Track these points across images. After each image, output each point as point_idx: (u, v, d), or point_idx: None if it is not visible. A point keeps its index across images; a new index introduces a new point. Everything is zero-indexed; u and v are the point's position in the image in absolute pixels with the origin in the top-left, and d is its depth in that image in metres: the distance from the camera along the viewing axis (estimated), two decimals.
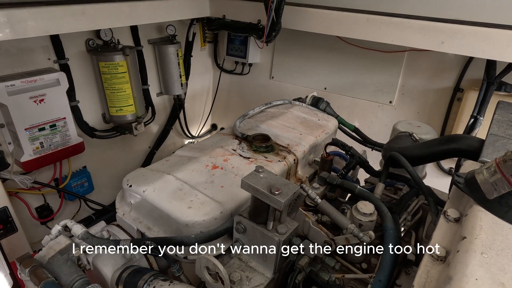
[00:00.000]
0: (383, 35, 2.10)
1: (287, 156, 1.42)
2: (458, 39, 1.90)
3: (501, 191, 0.76)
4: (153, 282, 1.04)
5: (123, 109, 2.41)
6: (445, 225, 0.84)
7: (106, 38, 2.28)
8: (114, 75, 2.28)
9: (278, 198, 0.89)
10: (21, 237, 2.03)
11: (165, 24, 2.64)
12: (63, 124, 2.12)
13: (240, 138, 1.53)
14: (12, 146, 2.02)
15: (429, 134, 1.48)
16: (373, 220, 1.05)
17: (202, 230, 1.09)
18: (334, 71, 2.76)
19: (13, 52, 1.95)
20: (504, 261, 0.66)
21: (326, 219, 1.17)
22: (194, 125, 3.52)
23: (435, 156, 1.22)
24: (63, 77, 2.04)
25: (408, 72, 2.48)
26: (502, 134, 1.11)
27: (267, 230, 1.00)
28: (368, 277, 1.00)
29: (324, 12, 2.26)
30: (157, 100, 2.92)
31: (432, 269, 0.73)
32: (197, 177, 1.25)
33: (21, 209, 2.16)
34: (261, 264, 1.06)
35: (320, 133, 1.63)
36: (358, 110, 2.73)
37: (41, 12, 1.76)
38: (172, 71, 2.77)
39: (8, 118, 1.90)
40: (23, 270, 0.98)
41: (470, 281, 0.61)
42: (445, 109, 2.40)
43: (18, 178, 1.99)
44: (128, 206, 1.26)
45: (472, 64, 2.21)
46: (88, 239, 1.08)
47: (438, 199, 1.16)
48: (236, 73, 3.28)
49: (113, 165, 2.75)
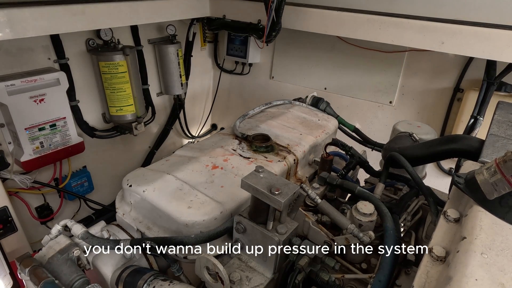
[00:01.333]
0: (383, 35, 2.10)
1: (287, 156, 1.42)
2: (458, 39, 1.90)
3: (501, 192, 0.76)
4: (153, 282, 1.05)
5: (123, 109, 2.41)
6: (445, 225, 0.84)
7: (106, 38, 2.27)
8: (114, 75, 2.28)
9: (278, 198, 0.89)
10: (21, 236, 2.03)
11: (165, 24, 2.64)
12: (63, 124, 2.12)
13: (240, 138, 1.53)
14: (12, 146, 2.02)
15: (429, 134, 1.48)
16: (373, 220, 1.05)
17: (202, 230, 1.09)
18: (334, 71, 2.76)
19: (13, 51, 1.95)
20: (504, 261, 0.66)
21: (326, 219, 1.17)
22: (194, 125, 3.52)
23: (435, 157, 1.22)
24: (63, 76, 2.04)
25: (408, 72, 2.48)
26: (502, 135, 1.11)
27: (267, 230, 1.00)
28: (368, 277, 1.00)
29: (324, 12, 2.26)
30: (157, 100, 2.92)
31: (432, 269, 0.73)
32: (197, 177, 1.25)
33: (21, 209, 2.16)
34: (261, 264, 1.06)
35: (320, 133, 1.63)
36: (358, 110, 2.73)
37: (41, 11, 1.76)
38: (172, 71, 2.77)
39: (8, 118, 1.90)
40: (23, 270, 0.98)
41: (470, 282, 0.61)
42: (445, 109, 2.40)
43: (18, 178, 1.99)
44: (128, 206, 1.26)
45: (472, 64, 2.21)
46: (88, 239, 1.08)
47: (438, 200, 1.16)
48: (236, 73, 3.28)
49: (113, 165, 2.75)
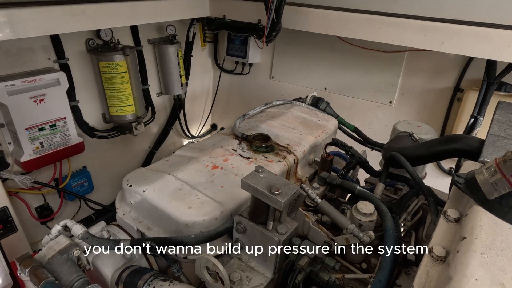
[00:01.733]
0: (383, 35, 2.09)
1: (287, 156, 1.42)
2: (458, 39, 1.89)
3: (501, 191, 0.76)
4: (153, 282, 1.04)
5: (123, 109, 2.41)
6: (445, 225, 0.84)
7: (106, 38, 2.27)
8: (114, 75, 2.28)
9: (278, 198, 0.89)
10: (21, 237, 2.03)
11: (165, 24, 2.64)
12: (63, 124, 2.12)
13: (240, 138, 1.53)
14: (12, 146, 2.03)
15: (429, 134, 1.48)
16: (373, 220, 1.05)
17: (202, 230, 1.09)
18: (334, 71, 2.76)
19: (13, 52, 1.95)
20: (504, 261, 0.66)
21: (326, 219, 1.17)
22: (194, 125, 3.52)
23: (435, 156, 1.22)
24: (63, 77, 2.04)
25: (408, 72, 2.48)
26: (502, 134, 1.11)
27: (267, 230, 1.00)
28: (368, 277, 1.00)
29: (324, 12, 2.26)
30: (157, 100, 2.92)
31: (432, 269, 0.73)
32: (197, 177, 1.25)
33: (21, 209, 2.16)
34: (261, 264, 1.06)
35: (320, 133, 1.63)
36: (358, 110, 2.73)
37: (41, 12, 1.76)
38: (172, 71, 2.77)
39: (8, 118, 1.90)
40: (23, 270, 0.98)
41: (470, 281, 0.61)
42: (445, 109, 2.40)
43: (18, 178, 1.99)
44: (128, 206, 1.26)
45: (472, 64, 2.21)
46: (88, 239, 1.08)
47: (438, 199, 1.16)
48: (236, 73, 3.28)
49: (113, 165, 2.75)
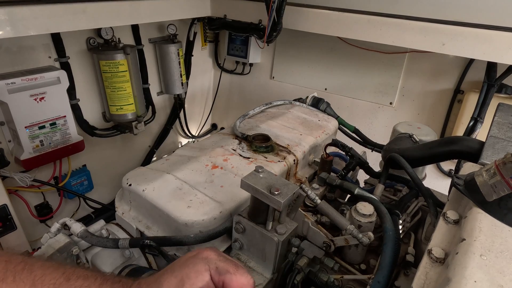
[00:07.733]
0: (384, 36, 2.09)
1: (287, 157, 1.42)
2: (459, 41, 1.89)
3: (500, 193, 0.76)
4: None
5: (124, 108, 2.41)
6: (444, 226, 0.84)
7: (107, 36, 2.27)
8: (114, 74, 2.28)
9: (277, 198, 0.89)
10: (20, 235, 2.03)
11: (166, 23, 2.64)
12: (63, 123, 2.12)
13: (240, 138, 1.53)
14: (12, 144, 2.03)
15: (429, 136, 1.48)
16: (372, 221, 1.05)
17: (201, 230, 1.09)
18: (335, 72, 2.76)
19: (14, 50, 1.95)
20: (503, 263, 0.66)
21: (325, 220, 1.17)
22: (194, 125, 3.52)
23: (435, 158, 1.22)
24: (64, 75, 2.04)
25: (409, 73, 2.48)
26: (502, 136, 1.11)
27: (266, 230, 0.99)
28: (367, 278, 1.00)
29: (325, 12, 2.26)
30: (157, 99, 2.92)
31: (431, 270, 0.73)
32: (197, 177, 1.25)
33: (21, 207, 2.16)
34: (260, 264, 1.06)
35: (320, 133, 1.63)
36: (358, 111, 2.73)
37: (42, 10, 1.75)
38: (172, 71, 2.77)
39: (8, 116, 1.90)
40: None
41: (469, 283, 0.61)
42: (445, 111, 2.40)
43: (18, 176, 1.99)
44: (128, 205, 1.26)
45: (472, 66, 2.21)
46: (87, 237, 1.08)
47: (438, 201, 1.16)
48: (236, 73, 3.28)
49: (113, 164, 2.75)
